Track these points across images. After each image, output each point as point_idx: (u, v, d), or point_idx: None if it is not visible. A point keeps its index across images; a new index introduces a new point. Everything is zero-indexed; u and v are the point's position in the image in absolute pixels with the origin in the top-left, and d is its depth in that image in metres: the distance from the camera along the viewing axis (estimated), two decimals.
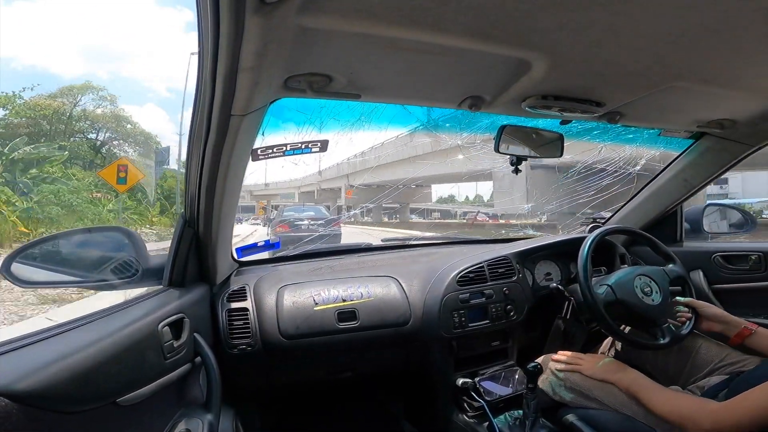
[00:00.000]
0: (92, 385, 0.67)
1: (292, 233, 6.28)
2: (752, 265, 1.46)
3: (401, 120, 2.71)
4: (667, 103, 1.07)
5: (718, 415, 0.82)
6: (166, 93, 57.72)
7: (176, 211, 17.53)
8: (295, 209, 8.80)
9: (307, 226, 7.16)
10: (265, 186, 22.72)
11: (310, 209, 9.46)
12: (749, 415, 0.77)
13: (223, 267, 1.28)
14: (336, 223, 7.86)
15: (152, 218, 16.85)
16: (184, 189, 1.04)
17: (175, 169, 18.90)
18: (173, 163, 19.01)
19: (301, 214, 7.95)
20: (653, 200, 1.65)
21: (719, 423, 0.81)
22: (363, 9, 0.62)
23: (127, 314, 0.87)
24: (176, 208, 17.59)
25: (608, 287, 1.18)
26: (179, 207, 15.67)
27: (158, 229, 15.13)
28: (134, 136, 21.58)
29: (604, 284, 1.20)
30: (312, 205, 12.99)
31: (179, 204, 16.91)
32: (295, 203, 20.14)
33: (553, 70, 0.85)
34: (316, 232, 6.23)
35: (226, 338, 1.18)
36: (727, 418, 0.80)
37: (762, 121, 1.20)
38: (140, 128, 22.20)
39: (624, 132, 1.50)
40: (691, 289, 1.28)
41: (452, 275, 1.38)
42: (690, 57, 0.81)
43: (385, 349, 1.32)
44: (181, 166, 17.10)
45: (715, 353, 1.18)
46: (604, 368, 1.10)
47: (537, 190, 6.94)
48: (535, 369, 1.07)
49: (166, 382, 0.87)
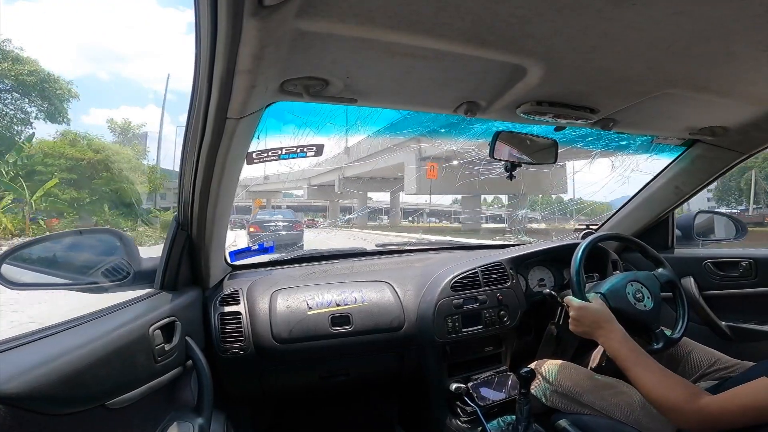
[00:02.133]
0: (81, 388, 0.67)
1: (261, 233, 7.14)
2: (743, 272, 1.48)
3: (397, 125, 2.72)
4: (659, 110, 1.08)
5: (708, 409, 0.81)
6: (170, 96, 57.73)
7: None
8: (267, 213, 9.91)
9: (276, 227, 7.96)
10: (265, 180, 18.80)
11: (279, 212, 10.51)
12: (740, 410, 0.77)
13: (216, 271, 1.27)
14: (297, 225, 8.65)
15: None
16: (177, 192, 1.03)
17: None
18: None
19: (272, 217, 8.83)
20: (645, 207, 1.66)
21: (709, 417, 0.81)
22: (361, 13, 0.62)
23: (118, 317, 0.87)
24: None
25: (601, 295, 1.19)
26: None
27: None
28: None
29: (597, 292, 1.20)
30: (281, 209, 14.29)
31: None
32: (273, 207, 19.80)
33: (548, 76, 0.85)
34: (280, 232, 7.42)
35: (219, 342, 1.17)
36: (717, 413, 0.80)
37: (753, 128, 1.22)
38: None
39: (617, 139, 1.51)
40: (681, 293, 1.29)
41: (446, 280, 1.38)
42: (682, 64, 0.82)
43: (378, 353, 1.32)
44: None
45: (705, 359, 1.19)
46: (592, 317, 1.08)
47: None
48: (528, 374, 1.07)
49: (156, 386, 0.86)
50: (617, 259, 1.56)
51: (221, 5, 0.53)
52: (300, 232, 8.24)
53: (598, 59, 0.79)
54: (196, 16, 0.60)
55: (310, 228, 12.28)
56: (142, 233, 14.30)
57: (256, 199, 19.86)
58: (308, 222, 10.76)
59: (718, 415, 0.80)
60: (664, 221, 1.67)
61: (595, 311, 1.08)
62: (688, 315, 1.25)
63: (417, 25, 0.66)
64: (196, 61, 0.69)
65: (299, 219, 10.76)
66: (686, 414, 0.84)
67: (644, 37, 0.71)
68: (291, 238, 7.01)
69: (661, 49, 0.75)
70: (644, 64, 0.82)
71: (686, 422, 0.84)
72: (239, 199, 16.67)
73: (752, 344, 1.15)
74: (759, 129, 1.22)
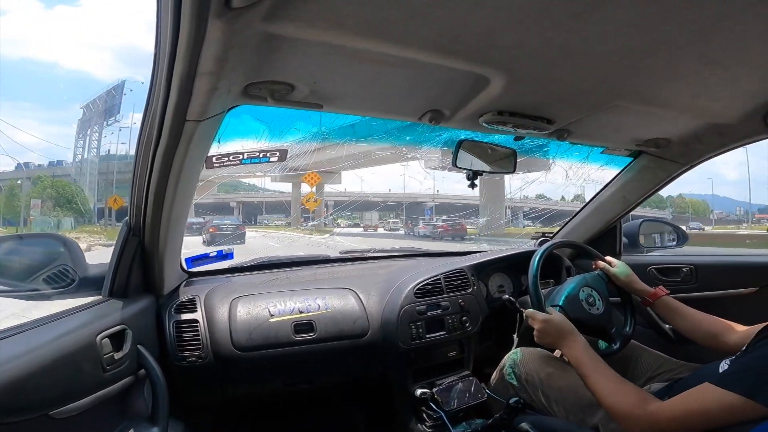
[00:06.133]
0: (21, 397, 0.65)
1: (217, 232, 10.30)
2: (684, 277, 1.57)
3: (362, 131, 2.73)
4: (609, 121, 1.15)
5: (657, 415, 0.85)
6: None
7: None
8: (220, 219, 13.03)
9: (228, 228, 11.20)
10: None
11: (229, 219, 14.19)
12: (687, 416, 0.81)
13: (171, 277, 1.22)
14: (241, 227, 12.45)
15: None
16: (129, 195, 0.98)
17: None
18: None
19: (223, 222, 12.25)
20: (595, 216, 1.75)
21: (657, 423, 0.85)
22: (331, 18, 0.62)
23: (61, 325, 0.83)
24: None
25: (560, 308, 1.22)
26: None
27: None
28: None
29: (556, 305, 1.23)
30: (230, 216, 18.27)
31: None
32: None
33: (510, 87, 0.89)
34: (229, 231, 10.82)
35: (174, 350, 1.13)
36: (666, 419, 0.84)
37: (693, 141, 1.30)
38: None
39: (571, 149, 1.59)
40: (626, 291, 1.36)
41: (410, 287, 1.39)
42: (632, 77, 0.87)
43: (343, 360, 1.31)
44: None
45: (653, 362, 1.26)
46: (555, 330, 1.11)
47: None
48: (517, 404, 1.06)
49: (106, 395, 0.84)
50: (570, 265, 1.63)
51: (185, 5, 0.51)
52: (243, 232, 11.61)
53: (555, 71, 0.83)
54: (158, 15, 0.57)
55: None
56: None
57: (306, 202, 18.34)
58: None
59: (667, 420, 0.84)
60: (612, 229, 1.75)
61: (557, 324, 1.11)
62: (634, 310, 1.33)
63: (386, 33, 0.67)
64: (154, 60, 0.66)
65: (241, 222, 15.82)
66: (637, 419, 0.88)
67: (598, 49, 0.75)
68: (237, 237, 10.38)
69: (613, 62, 0.80)
70: (596, 76, 0.86)
71: (637, 427, 0.88)
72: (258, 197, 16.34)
73: (694, 346, 1.23)
74: (699, 141, 1.30)
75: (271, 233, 13.79)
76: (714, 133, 1.24)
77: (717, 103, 1.02)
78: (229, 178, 9.84)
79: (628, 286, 1.31)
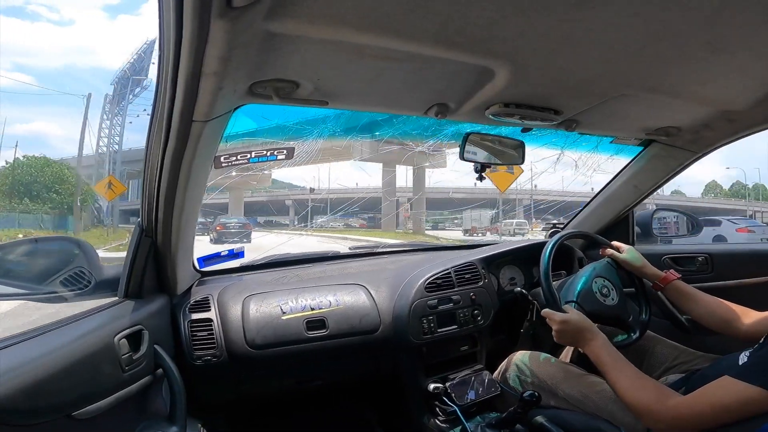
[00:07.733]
0: (44, 399, 0.66)
1: (224, 230, 10.86)
2: (699, 267, 1.55)
3: (369, 126, 2.73)
4: (617, 111, 1.13)
5: (678, 410, 0.84)
6: None
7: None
8: (227, 218, 13.52)
9: (234, 227, 11.82)
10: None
11: (235, 218, 14.54)
12: (708, 410, 0.80)
13: (184, 277, 1.24)
14: (248, 226, 12.93)
15: None
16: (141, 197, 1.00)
17: None
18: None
19: (230, 220, 12.84)
20: (606, 206, 1.73)
21: (678, 418, 0.84)
22: (331, 15, 0.62)
23: (81, 326, 0.84)
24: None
25: (576, 304, 1.20)
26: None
27: None
28: None
29: (571, 302, 1.22)
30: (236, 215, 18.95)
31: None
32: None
33: (515, 78, 0.88)
34: (235, 230, 11.52)
35: (189, 350, 1.14)
36: (687, 413, 0.83)
37: (704, 128, 1.28)
38: None
39: (580, 139, 1.57)
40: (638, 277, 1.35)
41: (420, 282, 1.38)
42: (637, 65, 0.85)
43: (355, 356, 1.31)
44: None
45: (669, 352, 1.24)
46: (574, 329, 1.09)
47: None
48: (532, 398, 1.02)
49: (125, 395, 0.85)
50: (582, 256, 1.62)
51: (187, 6, 0.51)
52: (249, 231, 12.03)
53: (560, 61, 0.82)
54: (160, 16, 0.58)
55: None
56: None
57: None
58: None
59: (688, 415, 0.83)
60: (624, 219, 1.74)
61: (575, 323, 1.10)
62: (648, 297, 1.31)
63: (387, 27, 0.67)
64: (159, 62, 0.67)
65: (248, 221, 15.96)
66: (658, 415, 0.87)
67: (602, 38, 0.74)
68: (244, 235, 10.85)
69: (617, 51, 0.79)
70: (602, 65, 0.85)
71: (657, 423, 0.87)
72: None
73: (710, 337, 1.21)
74: (710, 129, 1.28)
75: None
76: (725, 120, 1.22)
77: (726, 89, 1.00)
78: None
79: (639, 270, 1.29)
